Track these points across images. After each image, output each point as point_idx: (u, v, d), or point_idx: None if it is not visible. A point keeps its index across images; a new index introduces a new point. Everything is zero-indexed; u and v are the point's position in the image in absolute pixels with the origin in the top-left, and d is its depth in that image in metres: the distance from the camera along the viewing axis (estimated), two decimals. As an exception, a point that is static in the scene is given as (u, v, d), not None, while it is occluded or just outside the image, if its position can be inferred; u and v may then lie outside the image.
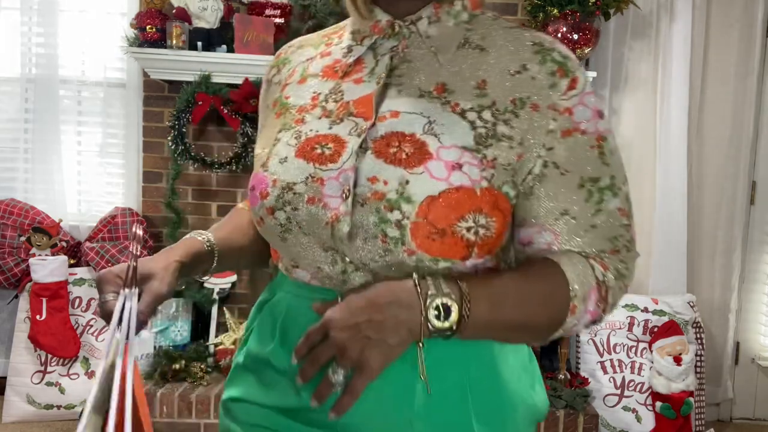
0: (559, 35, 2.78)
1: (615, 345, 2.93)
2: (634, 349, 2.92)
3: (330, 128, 0.82)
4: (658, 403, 2.83)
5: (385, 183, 0.75)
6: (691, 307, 2.98)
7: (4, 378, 3.00)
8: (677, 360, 2.82)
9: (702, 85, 3.14)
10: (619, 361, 2.92)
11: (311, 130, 0.83)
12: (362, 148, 0.78)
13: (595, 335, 2.95)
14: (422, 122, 0.79)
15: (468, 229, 0.75)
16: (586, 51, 2.82)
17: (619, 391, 2.89)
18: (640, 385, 2.88)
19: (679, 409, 2.80)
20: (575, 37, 2.78)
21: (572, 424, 2.71)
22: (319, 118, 0.84)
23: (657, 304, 2.94)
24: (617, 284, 0.82)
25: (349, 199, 0.76)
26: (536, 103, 0.79)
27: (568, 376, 2.84)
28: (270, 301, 0.91)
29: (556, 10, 2.77)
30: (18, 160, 3.20)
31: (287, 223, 0.81)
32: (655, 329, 2.89)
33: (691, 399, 2.83)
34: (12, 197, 3.11)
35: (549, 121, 0.79)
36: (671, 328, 2.87)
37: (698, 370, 2.97)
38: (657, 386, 2.83)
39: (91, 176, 3.23)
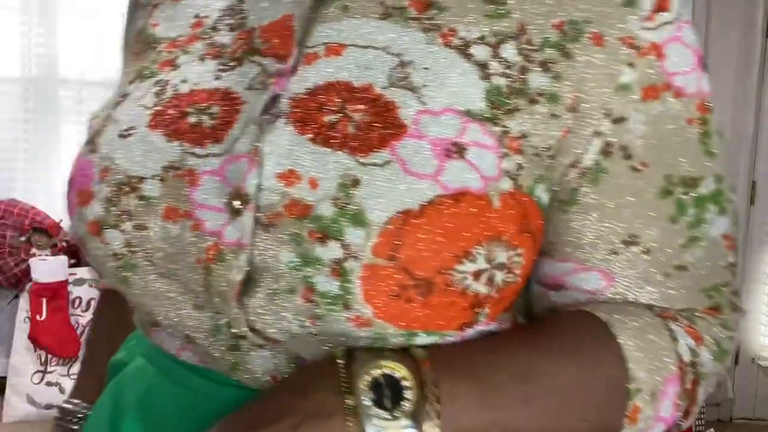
0: (559, 35, 2.78)
1: (615, 345, 2.92)
2: (634, 349, 2.91)
3: (217, 78, 0.47)
4: None
5: (313, 184, 0.40)
6: (691, 307, 2.98)
7: (4, 378, 2.99)
8: (677, 360, 2.81)
9: (702, 85, 3.13)
10: (619, 361, 2.91)
11: (184, 82, 0.47)
12: (270, 115, 0.43)
13: (595, 335, 2.94)
14: (387, 64, 0.44)
15: (477, 276, 0.41)
16: (586, 51, 2.82)
17: (619, 391, 2.89)
18: (640, 385, 2.88)
19: (679, 409, 2.80)
20: (575, 37, 2.78)
21: (572, 424, 2.71)
22: (202, 59, 0.48)
23: (657, 304, 2.94)
24: (714, 367, 0.48)
25: (245, 216, 0.41)
26: (599, 32, 0.44)
27: (568, 376, 2.84)
28: (125, 366, 0.55)
29: (556, 10, 2.77)
30: (18, 160, 3.19)
31: (127, 254, 0.45)
32: (655, 329, 2.89)
33: (691, 399, 2.82)
34: (12, 197, 3.11)
35: (621, 68, 0.44)
36: (671, 328, 2.87)
37: (698, 370, 2.96)
38: (657, 386, 2.82)
39: (91, 176, 3.23)
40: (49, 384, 2.93)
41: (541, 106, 0.44)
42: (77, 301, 3.00)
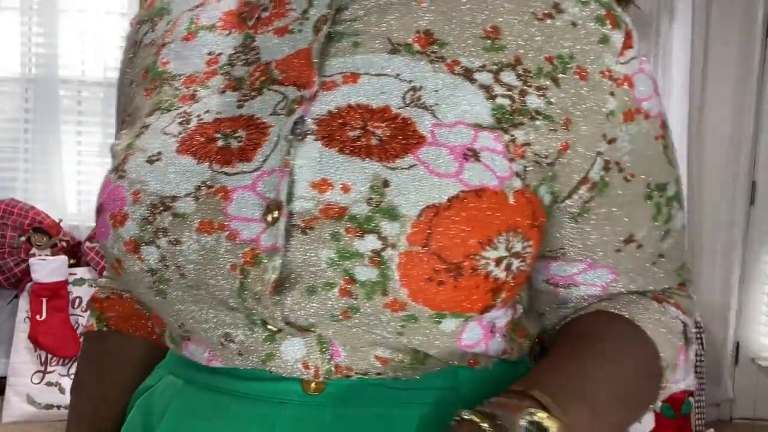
0: (559, 35, 2.79)
1: (615, 345, 2.93)
2: (634, 349, 2.91)
3: (240, 106, 0.52)
4: (658, 403, 2.83)
5: (345, 189, 0.45)
6: (691, 307, 2.98)
7: (4, 378, 3.00)
8: (677, 360, 2.82)
9: (702, 85, 3.13)
10: (619, 361, 2.91)
11: (207, 112, 0.52)
12: (297, 135, 0.48)
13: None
14: (401, 89, 0.50)
15: (498, 262, 0.46)
16: (586, 51, 2.82)
17: (619, 391, 2.89)
18: (640, 385, 2.88)
19: (678, 408, 2.80)
20: (575, 37, 2.78)
21: (572, 424, 2.71)
22: (222, 91, 0.53)
23: (657, 304, 2.94)
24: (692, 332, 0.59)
25: (280, 222, 0.45)
26: (583, 67, 0.52)
27: (568, 376, 2.84)
28: (150, 389, 0.58)
29: (556, 10, 2.77)
30: (18, 160, 3.20)
31: (162, 269, 0.49)
32: (655, 329, 2.89)
33: (691, 399, 2.83)
34: (12, 197, 3.11)
35: (605, 98, 0.52)
36: (671, 328, 2.87)
37: (698, 369, 2.96)
38: (657, 386, 2.82)
39: (91, 176, 3.23)
40: (49, 384, 2.93)
41: (540, 122, 0.50)
42: (77, 301, 3.00)
